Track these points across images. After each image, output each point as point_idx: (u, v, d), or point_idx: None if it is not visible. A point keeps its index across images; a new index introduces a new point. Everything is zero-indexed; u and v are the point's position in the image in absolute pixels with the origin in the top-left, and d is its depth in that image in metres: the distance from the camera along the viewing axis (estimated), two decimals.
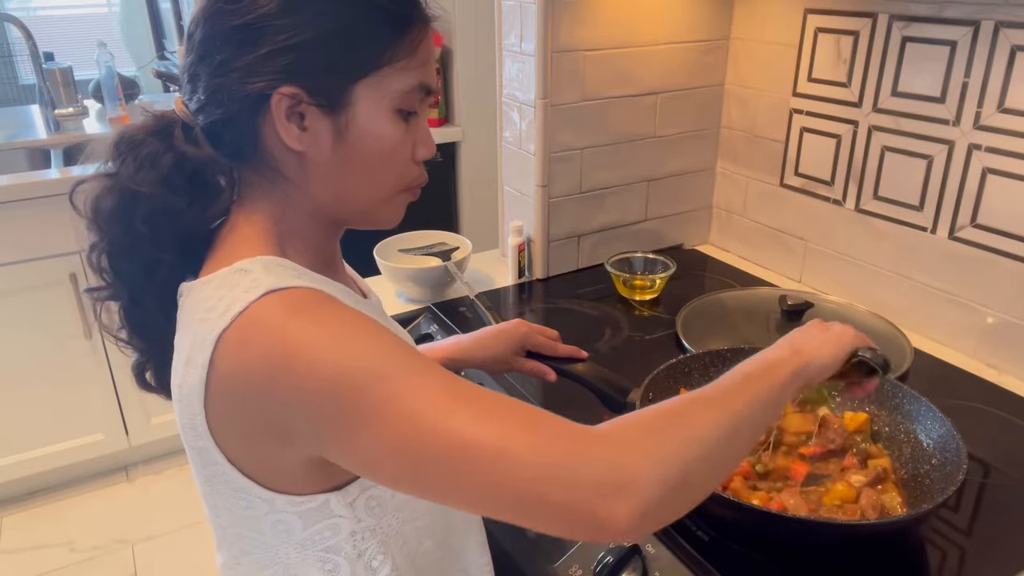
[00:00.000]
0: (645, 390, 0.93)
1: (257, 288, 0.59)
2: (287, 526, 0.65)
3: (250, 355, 0.57)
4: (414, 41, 0.66)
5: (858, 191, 1.34)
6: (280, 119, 0.63)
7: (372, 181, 0.68)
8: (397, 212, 0.73)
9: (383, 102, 0.65)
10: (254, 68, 0.62)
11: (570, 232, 1.51)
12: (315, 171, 0.66)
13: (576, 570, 0.82)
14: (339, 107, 0.64)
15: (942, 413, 0.87)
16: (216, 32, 0.63)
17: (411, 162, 0.69)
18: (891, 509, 0.83)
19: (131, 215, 0.65)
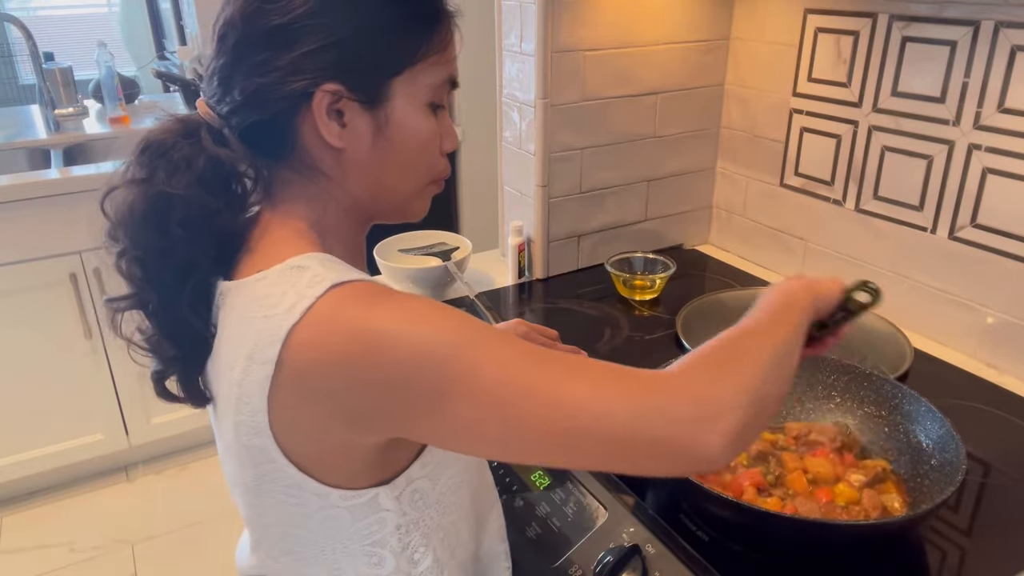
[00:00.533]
0: None
1: (321, 283, 0.60)
2: (336, 521, 0.66)
3: (330, 348, 0.57)
4: (444, 36, 0.69)
5: (858, 191, 1.34)
6: (321, 116, 0.64)
7: (407, 174, 0.70)
8: (426, 204, 0.75)
9: (418, 96, 0.67)
10: (296, 67, 0.63)
11: (570, 232, 1.51)
12: (353, 167, 0.68)
13: (576, 570, 0.82)
14: (378, 102, 0.66)
15: (941, 413, 0.87)
16: (254, 33, 0.63)
17: (439, 154, 0.72)
18: (891, 510, 0.83)
19: (167, 219, 0.64)
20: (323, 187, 0.69)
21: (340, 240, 0.71)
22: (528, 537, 0.88)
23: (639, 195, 1.56)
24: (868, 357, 1.16)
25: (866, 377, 0.97)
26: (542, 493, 0.92)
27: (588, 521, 0.87)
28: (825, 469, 0.89)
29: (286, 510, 0.67)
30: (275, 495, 0.66)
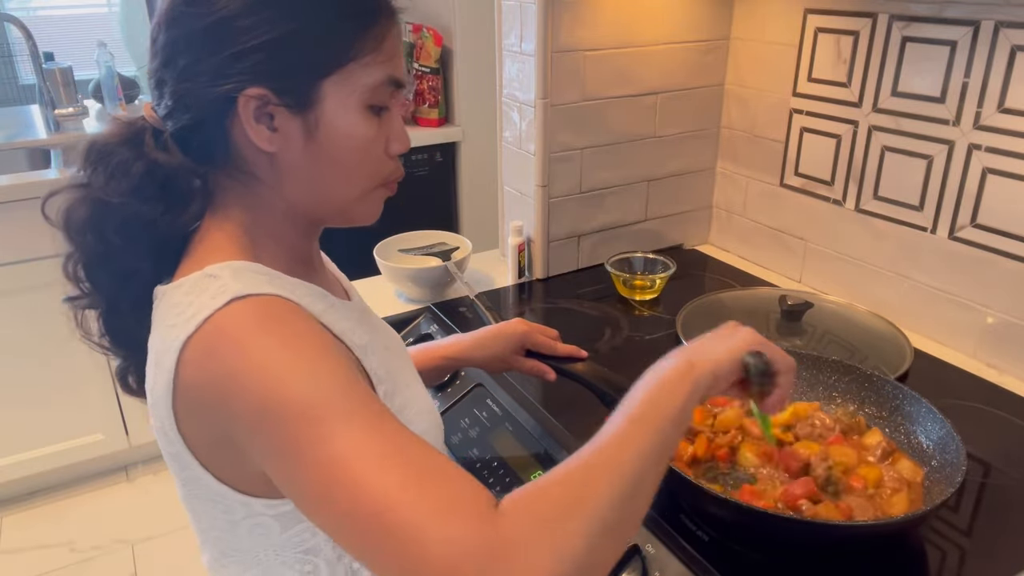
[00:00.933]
0: None
1: (223, 295, 0.59)
2: (265, 529, 0.65)
3: (210, 365, 0.57)
4: (379, 35, 0.65)
5: (858, 191, 1.34)
6: (248, 121, 0.62)
7: (346, 179, 0.67)
8: (374, 208, 0.72)
9: (352, 98, 0.64)
10: (219, 70, 0.61)
11: (570, 232, 1.51)
12: (288, 172, 0.66)
13: None
14: (307, 106, 0.63)
15: (942, 414, 0.87)
16: (179, 36, 0.62)
17: (385, 157, 0.69)
18: (912, 478, 0.85)
19: (104, 225, 0.65)
20: (257, 193, 0.67)
21: (281, 247, 0.69)
22: None
23: (639, 195, 1.56)
24: (869, 357, 1.17)
25: (867, 378, 0.97)
26: None
27: None
28: (850, 458, 0.89)
29: (216, 516, 0.66)
30: (203, 501, 0.65)
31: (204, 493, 0.64)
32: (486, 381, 1.13)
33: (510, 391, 1.09)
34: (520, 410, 1.05)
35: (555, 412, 1.04)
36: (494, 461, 1.00)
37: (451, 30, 2.46)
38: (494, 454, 1.01)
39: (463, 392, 1.13)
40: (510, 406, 1.07)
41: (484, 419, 1.07)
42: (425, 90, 2.56)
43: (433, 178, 2.61)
